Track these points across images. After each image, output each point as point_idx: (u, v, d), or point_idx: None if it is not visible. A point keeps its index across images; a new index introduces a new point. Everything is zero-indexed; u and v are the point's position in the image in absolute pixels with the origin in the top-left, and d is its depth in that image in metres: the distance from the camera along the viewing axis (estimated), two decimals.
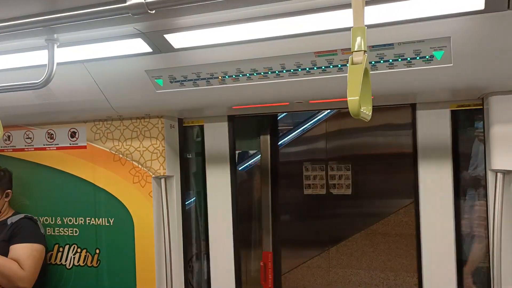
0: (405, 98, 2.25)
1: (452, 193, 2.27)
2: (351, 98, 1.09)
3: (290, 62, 1.93)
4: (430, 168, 2.29)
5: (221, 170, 2.71)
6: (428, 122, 2.30)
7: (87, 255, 2.83)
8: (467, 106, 2.24)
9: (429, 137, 2.29)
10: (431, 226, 2.29)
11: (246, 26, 1.77)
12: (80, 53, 2.10)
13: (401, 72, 1.85)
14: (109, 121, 2.75)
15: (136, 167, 2.69)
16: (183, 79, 2.14)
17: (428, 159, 2.30)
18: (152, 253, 2.67)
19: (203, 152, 2.79)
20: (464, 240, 2.37)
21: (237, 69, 2.03)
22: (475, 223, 2.40)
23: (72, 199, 2.87)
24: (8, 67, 2.25)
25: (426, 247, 2.32)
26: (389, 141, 4.55)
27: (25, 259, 2.63)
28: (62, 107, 2.53)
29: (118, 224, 2.75)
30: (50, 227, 2.92)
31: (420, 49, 1.76)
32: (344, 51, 1.83)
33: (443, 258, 2.30)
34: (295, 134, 4.88)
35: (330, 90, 2.02)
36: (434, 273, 2.32)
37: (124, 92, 2.33)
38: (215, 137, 2.73)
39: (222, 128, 2.71)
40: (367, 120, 1.16)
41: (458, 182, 2.34)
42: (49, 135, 2.92)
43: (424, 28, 1.69)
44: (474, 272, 2.42)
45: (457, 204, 2.30)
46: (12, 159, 3.01)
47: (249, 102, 2.28)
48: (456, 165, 2.30)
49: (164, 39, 1.90)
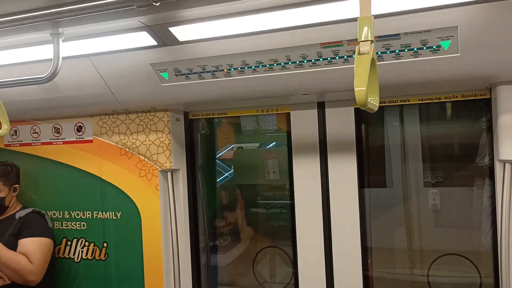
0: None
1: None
2: (358, 89, 1.08)
3: (296, 53, 1.92)
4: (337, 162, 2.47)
5: (310, 161, 2.55)
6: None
7: (95, 249, 2.85)
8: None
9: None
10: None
11: (251, 18, 1.76)
12: (85, 47, 2.09)
13: (407, 62, 1.84)
14: (115, 115, 2.75)
15: (143, 161, 2.69)
16: (189, 72, 2.14)
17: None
18: (160, 246, 2.68)
19: (290, 142, 2.63)
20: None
21: (242, 62, 2.02)
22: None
23: (79, 193, 2.88)
24: (13, 61, 2.25)
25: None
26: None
27: (33, 253, 2.65)
28: (68, 101, 2.53)
29: (125, 218, 2.76)
30: (58, 221, 2.94)
31: (427, 39, 1.75)
32: (350, 42, 1.82)
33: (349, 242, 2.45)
34: None
35: (336, 81, 2.01)
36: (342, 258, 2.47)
37: (130, 86, 2.32)
38: (303, 125, 2.57)
39: (311, 116, 2.56)
40: (374, 111, 1.15)
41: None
42: (56, 129, 2.93)
43: (430, 17, 1.67)
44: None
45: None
46: (19, 154, 3.03)
47: (254, 95, 2.27)
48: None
49: (169, 32, 1.89)
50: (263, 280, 3.10)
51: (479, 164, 2.45)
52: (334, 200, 2.48)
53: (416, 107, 2.59)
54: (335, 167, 2.47)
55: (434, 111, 2.61)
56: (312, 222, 2.51)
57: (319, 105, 2.48)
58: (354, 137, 2.41)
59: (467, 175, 2.51)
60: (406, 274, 2.72)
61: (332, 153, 2.46)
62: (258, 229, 3.32)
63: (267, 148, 3.39)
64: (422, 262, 2.64)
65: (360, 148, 2.50)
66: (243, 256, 3.23)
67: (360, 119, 2.49)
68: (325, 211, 2.50)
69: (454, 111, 2.56)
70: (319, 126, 2.49)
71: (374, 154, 2.70)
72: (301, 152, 2.54)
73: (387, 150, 2.71)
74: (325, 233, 2.51)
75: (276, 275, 3.13)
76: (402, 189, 2.72)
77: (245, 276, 3.19)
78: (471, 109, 2.47)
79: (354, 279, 2.45)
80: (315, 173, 2.50)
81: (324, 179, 2.49)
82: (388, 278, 2.72)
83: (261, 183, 3.25)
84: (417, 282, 2.68)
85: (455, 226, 2.59)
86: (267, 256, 3.15)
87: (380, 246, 2.71)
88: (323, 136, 2.48)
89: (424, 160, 2.66)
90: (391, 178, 2.77)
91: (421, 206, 2.63)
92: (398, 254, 2.75)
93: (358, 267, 2.43)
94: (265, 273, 3.13)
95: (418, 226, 2.67)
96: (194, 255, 2.85)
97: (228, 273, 3.25)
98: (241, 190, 3.34)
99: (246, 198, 3.29)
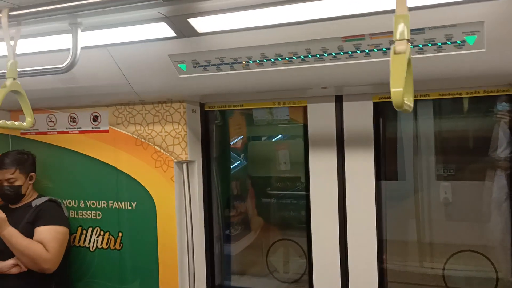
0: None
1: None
2: (395, 90, 1.04)
3: (316, 47, 1.89)
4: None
5: (326, 154, 2.51)
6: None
7: (110, 238, 2.86)
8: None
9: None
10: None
11: (271, 10, 1.73)
12: (104, 37, 2.08)
13: (430, 57, 1.80)
14: (131, 105, 2.74)
15: (158, 152, 2.69)
16: (207, 64, 2.12)
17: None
18: (174, 236, 2.68)
19: (306, 135, 2.59)
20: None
21: (261, 54, 2.00)
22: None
23: (95, 183, 2.89)
24: (31, 51, 2.24)
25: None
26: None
27: (49, 241, 2.67)
28: (85, 91, 2.53)
29: (141, 208, 2.77)
30: (73, 210, 2.96)
31: (452, 34, 1.71)
32: (372, 36, 1.79)
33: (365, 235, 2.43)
34: None
35: (357, 75, 1.98)
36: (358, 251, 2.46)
37: (147, 77, 2.31)
38: (321, 119, 2.52)
39: (328, 109, 2.50)
40: (409, 112, 1.12)
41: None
42: (72, 118, 2.94)
43: (456, 12, 1.63)
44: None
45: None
46: (36, 143, 3.04)
47: (272, 88, 2.24)
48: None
49: (187, 23, 1.87)
50: (274, 269, 3.11)
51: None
52: (350, 193, 2.46)
53: (431, 101, 2.57)
54: (352, 161, 2.44)
55: (450, 105, 2.60)
56: (327, 215, 2.50)
57: (337, 99, 2.45)
58: (372, 131, 2.39)
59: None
60: (416, 266, 2.74)
61: (349, 146, 2.44)
62: (270, 220, 3.33)
63: (279, 140, 3.39)
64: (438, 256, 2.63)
65: (377, 142, 2.47)
66: (254, 246, 3.25)
67: (378, 113, 2.46)
68: (340, 204, 2.48)
69: (470, 105, 2.54)
70: (337, 120, 2.46)
71: (390, 147, 2.69)
72: (318, 145, 2.52)
73: (406, 142, 2.71)
74: (341, 225, 2.49)
75: (289, 266, 3.14)
76: (414, 182, 2.73)
77: (256, 266, 3.21)
78: (485, 103, 2.47)
79: (369, 272, 2.43)
80: (332, 166, 2.48)
81: (340, 172, 2.47)
82: (402, 271, 2.71)
83: (272, 174, 3.25)
84: (430, 275, 2.68)
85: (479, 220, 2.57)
86: (279, 247, 3.16)
87: (395, 239, 2.71)
88: (340, 129, 2.46)
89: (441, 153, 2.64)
90: (406, 170, 2.77)
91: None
92: (413, 247, 2.76)
93: (374, 260, 2.42)
94: (277, 264, 3.14)
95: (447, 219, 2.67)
96: (208, 245, 2.85)
97: (240, 262, 3.27)
98: (252, 180, 3.35)
99: (257, 189, 3.30)
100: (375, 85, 2.17)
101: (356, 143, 2.43)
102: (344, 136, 2.45)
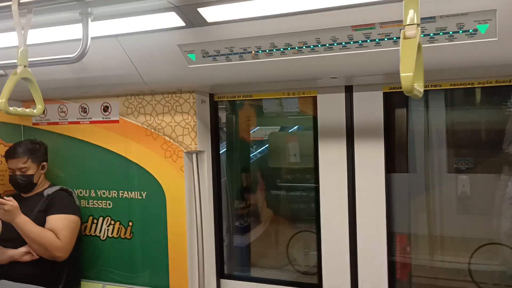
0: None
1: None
2: (405, 74, 1.04)
3: (326, 36, 1.88)
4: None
5: (336, 145, 2.49)
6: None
7: (121, 227, 2.89)
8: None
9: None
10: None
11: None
12: (114, 27, 2.09)
13: (442, 46, 1.78)
14: (141, 95, 2.75)
15: (168, 142, 2.70)
16: (216, 54, 2.12)
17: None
18: (184, 226, 2.70)
19: (316, 126, 2.58)
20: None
21: (271, 44, 1.99)
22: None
23: (105, 173, 2.92)
24: (42, 41, 2.26)
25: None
26: None
27: (61, 229, 2.70)
28: (95, 81, 2.54)
29: (151, 198, 2.79)
30: (84, 199, 2.98)
31: (464, 23, 1.68)
32: (382, 25, 1.77)
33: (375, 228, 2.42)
34: None
35: (367, 65, 1.97)
36: (367, 241, 2.45)
37: (157, 67, 2.32)
38: (330, 109, 2.50)
39: (338, 100, 2.48)
40: (419, 97, 1.11)
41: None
42: (82, 109, 2.96)
43: (468, 0, 1.61)
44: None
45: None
46: (47, 133, 3.07)
47: (282, 77, 2.24)
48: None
49: (197, 13, 1.87)
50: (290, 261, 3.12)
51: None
52: (360, 185, 2.45)
53: (444, 92, 2.55)
54: (362, 152, 2.43)
55: (462, 96, 2.57)
56: (337, 207, 2.49)
57: (347, 89, 2.44)
58: (382, 122, 2.37)
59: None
60: (427, 260, 2.72)
61: (359, 137, 2.43)
62: (280, 212, 3.33)
63: (290, 131, 3.38)
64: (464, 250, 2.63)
65: (388, 133, 2.45)
66: (264, 237, 3.26)
67: (388, 103, 2.44)
68: (350, 196, 2.47)
69: (484, 96, 2.51)
70: (346, 110, 2.45)
71: (400, 139, 2.67)
72: (328, 136, 2.51)
73: (417, 135, 2.69)
74: (350, 218, 2.48)
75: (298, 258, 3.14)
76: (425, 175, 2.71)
77: (269, 257, 3.22)
78: (500, 95, 2.44)
79: (379, 265, 2.43)
80: (341, 157, 2.47)
81: (350, 163, 2.46)
82: (427, 266, 2.70)
83: (283, 166, 3.25)
84: (443, 269, 2.67)
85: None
86: (298, 240, 3.15)
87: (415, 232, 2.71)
88: (350, 120, 2.44)
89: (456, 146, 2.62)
90: (417, 163, 2.75)
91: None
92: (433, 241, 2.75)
93: (384, 253, 2.41)
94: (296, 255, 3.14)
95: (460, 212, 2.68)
96: (218, 236, 2.86)
97: (253, 253, 3.27)
98: (262, 171, 3.36)
99: (267, 180, 3.30)
100: (386, 75, 2.16)
101: (366, 134, 2.42)
102: (354, 127, 2.44)
